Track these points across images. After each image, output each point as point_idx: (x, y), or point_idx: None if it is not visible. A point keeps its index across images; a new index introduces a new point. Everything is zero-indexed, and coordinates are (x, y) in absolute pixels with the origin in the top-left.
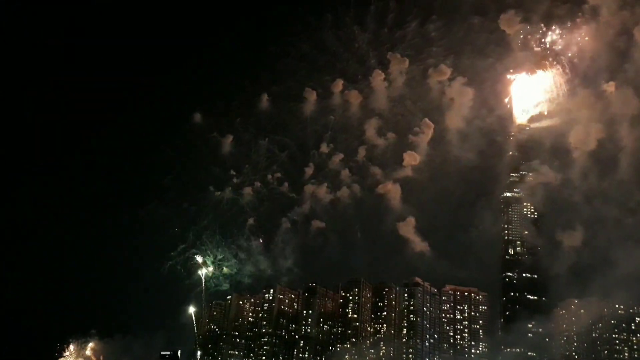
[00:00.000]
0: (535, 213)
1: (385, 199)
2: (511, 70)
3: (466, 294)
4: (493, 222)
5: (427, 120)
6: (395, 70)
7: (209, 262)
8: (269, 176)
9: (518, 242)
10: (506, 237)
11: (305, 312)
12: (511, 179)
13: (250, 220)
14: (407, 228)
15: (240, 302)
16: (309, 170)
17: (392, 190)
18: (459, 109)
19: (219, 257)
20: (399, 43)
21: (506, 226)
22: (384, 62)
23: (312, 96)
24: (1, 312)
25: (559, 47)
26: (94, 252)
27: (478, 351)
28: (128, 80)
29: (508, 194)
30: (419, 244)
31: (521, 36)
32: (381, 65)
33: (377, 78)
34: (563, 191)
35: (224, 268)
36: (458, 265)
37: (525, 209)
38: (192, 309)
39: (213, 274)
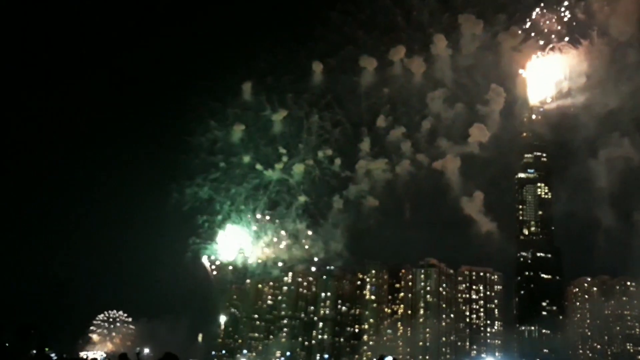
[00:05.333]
0: (550, 193)
1: (446, 174)
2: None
3: (481, 274)
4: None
5: (496, 86)
6: (466, 32)
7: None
8: (321, 153)
9: (532, 222)
10: (520, 218)
11: (323, 294)
12: (525, 159)
13: (301, 200)
14: (472, 206)
15: (260, 286)
16: (365, 146)
17: (452, 166)
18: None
19: (267, 240)
20: (465, 8)
21: (520, 207)
22: (449, 29)
23: (371, 65)
24: (26, 297)
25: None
26: (128, 234)
27: (493, 330)
28: (175, 54)
29: (522, 175)
30: (487, 224)
31: None
32: (445, 32)
33: (440, 45)
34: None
35: (272, 252)
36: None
37: (539, 190)
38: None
39: (260, 258)
